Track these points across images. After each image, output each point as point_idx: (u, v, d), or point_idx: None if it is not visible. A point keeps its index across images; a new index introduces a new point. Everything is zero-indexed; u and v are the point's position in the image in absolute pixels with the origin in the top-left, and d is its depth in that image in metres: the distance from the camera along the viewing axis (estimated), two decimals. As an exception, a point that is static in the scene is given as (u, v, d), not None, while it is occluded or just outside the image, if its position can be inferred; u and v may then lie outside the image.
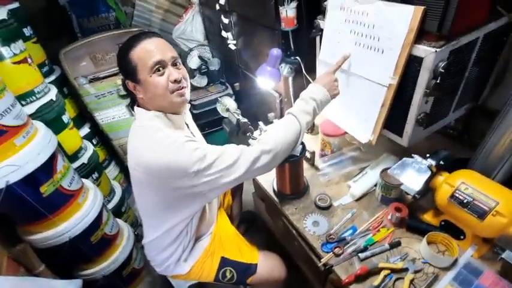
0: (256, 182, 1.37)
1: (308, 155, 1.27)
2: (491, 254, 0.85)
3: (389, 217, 1.00)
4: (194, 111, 2.05)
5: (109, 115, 1.90)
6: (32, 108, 1.27)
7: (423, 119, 0.88)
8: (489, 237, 0.82)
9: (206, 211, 1.10)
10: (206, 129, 2.13)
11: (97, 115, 1.88)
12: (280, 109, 1.65)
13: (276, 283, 1.15)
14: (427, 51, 0.76)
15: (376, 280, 0.85)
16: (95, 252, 1.34)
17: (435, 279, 0.83)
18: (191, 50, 2.07)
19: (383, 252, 0.91)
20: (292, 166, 1.08)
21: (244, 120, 1.13)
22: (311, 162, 1.28)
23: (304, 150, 1.06)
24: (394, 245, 0.92)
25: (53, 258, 1.22)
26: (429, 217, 0.98)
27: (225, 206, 1.43)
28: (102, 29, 1.89)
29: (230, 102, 1.23)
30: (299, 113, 0.92)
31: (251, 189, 1.59)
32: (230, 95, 2.08)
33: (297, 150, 1.02)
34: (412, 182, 0.89)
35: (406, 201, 1.06)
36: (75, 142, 1.53)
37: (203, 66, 2.04)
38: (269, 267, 1.14)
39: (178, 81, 0.87)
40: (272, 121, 1.07)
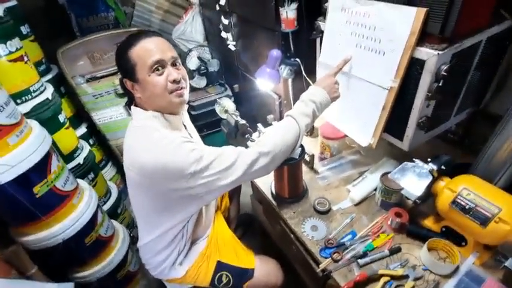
0: (254, 185, 1.35)
1: (307, 158, 1.25)
2: (493, 262, 0.83)
3: (389, 222, 0.98)
4: (193, 112, 2.03)
5: (106, 115, 1.88)
6: (27, 106, 1.26)
7: (424, 123, 0.87)
8: (491, 244, 0.80)
9: (203, 214, 1.09)
10: (205, 130, 2.11)
11: (94, 115, 1.86)
12: (279, 111, 1.64)
13: (273, 288, 1.13)
14: (429, 53, 0.75)
15: (375, 287, 0.83)
16: (89, 254, 1.32)
17: (436, 286, 0.81)
18: (190, 51, 2.06)
19: (383, 258, 0.90)
20: (290, 169, 1.06)
21: (242, 122, 1.11)
22: (310, 165, 1.27)
23: (303, 153, 1.04)
24: (394, 251, 0.91)
25: (46, 260, 1.19)
26: (430, 223, 0.96)
27: (222, 209, 1.41)
28: (101, 29, 1.87)
29: (229, 103, 1.21)
30: (298, 115, 0.90)
31: (249, 191, 1.57)
32: (229, 97, 2.07)
33: (296, 153, 1.01)
34: (413, 187, 0.87)
35: (407, 206, 1.04)
36: (71, 142, 1.51)
37: (202, 67, 2.03)
38: (266, 272, 1.13)
39: (177, 81, 0.86)
40: (271, 123, 1.05)
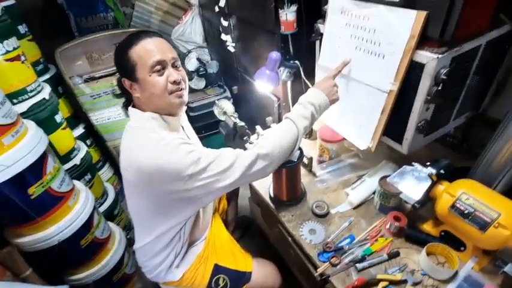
0: (252, 187, 1.34)
1: (305, 161, 1.24)
2: (492, 267, 0.82)
3: (387, 226, 0.97)
4: (191, 113, 2.02)
5: (104, 116, 1.87)
6: (24, 106, 1.24)
7: (423, 127, 0.86)
8: (490, 249, 0.80)
9: (200, 216, 1.08)
10: (203, 132, 2.10)
11: (92, 115, 1.84)
12: (278, 113, 1.63)
13: (271, 292, 1.12)
14: (429, 57, 0.75)
15: (374, 292, 0.82)
16: (85, 256, 1.30)
17: (435, 292, 0.81)
18: (189, 52, 2.05)
19: (381, 262, 0.89)
20: (289, 172, 1.05)
21: (241, 124, 1.10)
22: (308, 168, 1.26)
23: (301, 155, 1.03)
24: (393, 256, 0.90)
25: (41, 262, 1.18)
26: (429, 227, 0.95)
27: (220, 211, 1.40)
28: (100, 29, 1.86)
29: (227, 105, 1.20)
30: (297, 118, 0.90)
31: (247, 194, 1.56)
32: (228, 98, 2.06)
33: (295, 155, 1.00)
34: (412, 191, 0.86)
35: (405, 210, 1.03)
36: (67, 142, 1.50)
37: (201, 68, 2.02)
38: (263, 275, 1.12)
39: (177, 82, 0.86)
40: (270, 125, 1.04)
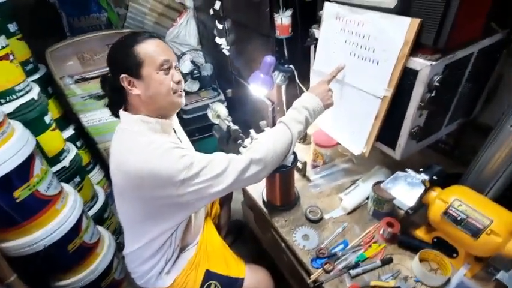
0: (245, 191, 1.33)
1: (299, 165, 1.24)
2: (484, 274, 0.82)
3: (381, 232, 0.97)
4: (184, 116, 2.00)
5: (95, 117, 1.83)
6: (11, 107, 1.20)
7: (417, 133, 0.87)
8: (483, 256, 0.80)
9: (192, 221, 1.06)
10: (196, 135, 2.08)
11: (82, 117, 1.81)
12: (272, 117, 1.63)
13: (263, 298, 1.10)
14: (423, 64, 0.75)
15: (367, 299, 0.81)
16: (72, 261, 1.26)
17: (427, 298, 0.81)
18: (183, 54, 2.04)
19: (374, 269, 0.88)
20: (282, 176, 1.05)
21: (235, 127, 1.09)
22: (302, 172, 1.25)
23: (295, 160, 1.03)
24: (386, 262, 0.89)
25: (26, 267, 1.14)
26: (421, 233, 0.95)
27: (213, 215, 1.38)
28: (92, 29, 1.83)
29: (221, 108, 1.19)
30: (291, 122, 0.89)
31: (240, 198, 1.54)
32: (222, 101, 2.05)
33: (288, 160, 0.99)
34: (406, 197, 0.86)
35: (398, 216, 1.03)
36: (56, 144, 1.46)
37: (195, 71, 2.00)
38: (256, 281, 1.10)
39: (180, 82, 0.89)
40: (264, 129, 1.04)
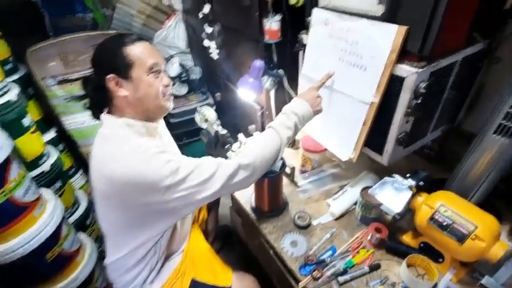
0: (233, 197, 1.31)
1: (288, 171, 1.23)
2: (469, 279, 0.84)
3: (369, 237, 0.97)
4: (172, 119, 1.96)
5: (78, 120, 1.77)
6: (-13, 108, 1.15)
7: (403, 139, 0.88)
8: (468, 261, 0.81)
9: (177, 227, 1.03)
10: (184, 139, 2.04)
11: (65, 119, 1.74)
12: (261, 122, 1.62)
13: (251, 307, 1.08)
14: (409, 71, 0.76)
15: (355, 306, 0.81)
16: (52, 270, 1.20)
17: (415, 304, 0.81)
18: (172, 57, 2.01)
19: (363, 275, 0.88)
20: (271, 182, 1.03)
21: (223, 132, 1.08)
22: (291, 178, 1.25)
23: (284, 166, 1.02)
24: (374, 268, 0.89)
25: (3, 277, 1.08)
26: (408, 238, 0.96)
27: (200, 221, 1.34)
28: (77, 30, 1.77)
29: (209, 112, 1.17)
30: (280, 127, 0.89)
31: (228, 203, 1.52)
32: (210, 105, 2.02)
33: (277, 165, 0.99)
34: (393, 203, 0.87)
35: (386, 221, 1.04)
36: (36, 147, 1.39)
37: (183, 74, 1.98)
38: (244, 289, 1.08)
39: (168, 86, 0.88)
40: (252, 134, 1.02)
